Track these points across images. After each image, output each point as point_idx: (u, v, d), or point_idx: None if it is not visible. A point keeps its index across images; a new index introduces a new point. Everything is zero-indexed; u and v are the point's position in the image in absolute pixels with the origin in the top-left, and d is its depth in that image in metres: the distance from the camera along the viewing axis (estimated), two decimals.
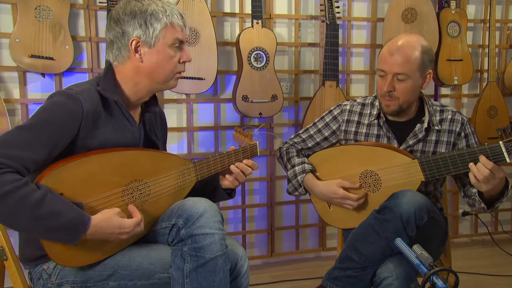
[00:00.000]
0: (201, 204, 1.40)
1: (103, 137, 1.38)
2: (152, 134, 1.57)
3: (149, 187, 1.44)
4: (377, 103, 1.89)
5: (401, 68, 1.71)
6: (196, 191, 1.58)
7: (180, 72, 1.51)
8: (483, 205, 1.70)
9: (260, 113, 2.62)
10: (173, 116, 2.70)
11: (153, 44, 1.42)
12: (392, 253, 1.61)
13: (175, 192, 1.51)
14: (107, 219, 1.29)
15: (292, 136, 2.10)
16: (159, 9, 1.42)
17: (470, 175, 1.60)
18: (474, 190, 1.75)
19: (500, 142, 1.57)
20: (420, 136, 1.82)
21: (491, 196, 1.67)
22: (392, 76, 1.72)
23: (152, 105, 1.57)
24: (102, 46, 2.52)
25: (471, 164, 1.60)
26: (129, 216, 1.36)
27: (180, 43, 1.48)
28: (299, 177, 1.91)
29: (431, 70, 1.78)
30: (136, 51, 1.42)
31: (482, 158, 1.57)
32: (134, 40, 1.41)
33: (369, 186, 1.80)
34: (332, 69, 2.68)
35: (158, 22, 1.42)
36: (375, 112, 1.88)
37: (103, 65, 2.51)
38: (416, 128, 1.83)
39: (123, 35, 1.41)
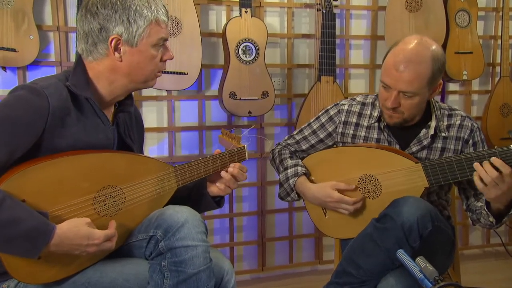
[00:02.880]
0: (182, 213, 1.40)
1: (73, 138, 1.37)
2: (127, 137, 1.57)
3: (123, 194, 1.44)
4: (379, 104, 1.90)
5: (408, 87, 1.69)
6: (178, 199, 1.58)
7: (160, 71, 1.52)
8: (491, 218, 1.70)
9: (250, 112, 2.62)
10: (153, 115, 2.69)
11: (136, 44, 1.43)
12: (393, 266, 1.62)
13: (153, 200, 1.51)
14: (75, 228, 1.29)
15: (286, 137, 2.12)
16: (143, 3, 1.43)
17: (476, 179, 1.60)
18: (480, 204, 1.76)
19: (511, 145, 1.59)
20: (425, 142, 1.83)
21: (498, 209, 1.68)
22: (397, 92, 1.71)
23: (127, 105, 1.57)
24: (73, 36, 2.51)
25: (476, 164, 1.60)
26: (101, 227, 1.36)
27: (164, 41, 1.49)
28: (291, 181, 1.92)
29: (441, 81, 1.77)
30: (116, 49, 1.42)
31: (492, 158, 1.58)
32: (114, 38, 1.41)
33: (369, 192, 1.82)
34: (328, 63, 2.69)
35: (142, 19, 1.42)
36: (375, 113, 1.89)
37: (73, 58, 2.50)
38: (421, 134, 1.84)
39: (101, 30, 1.41)
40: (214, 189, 1.67)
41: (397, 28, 2.79)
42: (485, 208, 1.71)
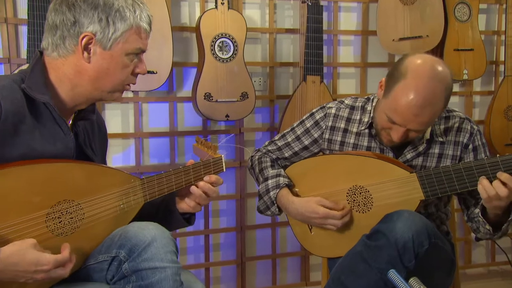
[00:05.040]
0: (148, 230, 1.39)
1: (27, 146, 1.36)
2: (87, 148, 1.57)
3: (82, 209, 1.43)
4: (369, 108, 1.91)
5: (422, 127, 1.72)
6: (144, 216, 1.57)
7: (129, 84, 1.52)
8: (488, 226, 1.73)
9: (227, 116, 2.63)
10: (117, 119, 2.68)
11: (109, 47, 1.43)
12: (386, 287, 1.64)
13: (116, 216, 1.50)
14: (20, 251, 1.26)
15: (266, 143, 2.12)
16: (128, 6, 1.43)
17: (480, 189, 1.63)
18: (477, 210, 1.78)
19: None
20: (421, 149, 1.85)
21: (495, 215, 1.71)
22: (406, 129, 1.73)
23: (88, 112, 1.57)
24: (23, 30, 2.49)
25: (483, 180, 1.62)
26: (55, 249, 1.33)
27: (141, 52, 1.50)
28: (271, 193, 1.92)
29: None
30: (85, 48, 1.42)
31: (503, 175, 1.60)
32: (86, 35, 1.41)
33: (358, 205, 1.83)
34: (315, 61, 2.71)
35: (122, 22, 1.43)
36: (366, 119, 1.91)
37: (24, 54, 2.48)
38: (416, 139, 1.85)
39: (74, 24, 1.41)
40: (184, 205, 1.67)
41: (390, 22, 2.82)
42: (481, 215, 1.74)
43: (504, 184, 1.60)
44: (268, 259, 2.99)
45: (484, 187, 1.63)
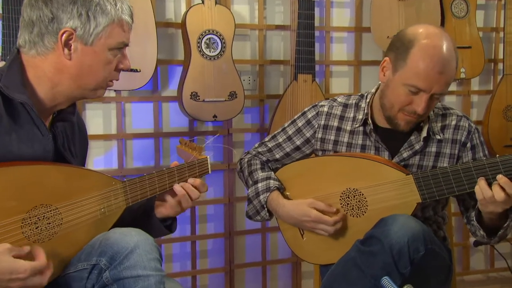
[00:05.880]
0: (131, 236, 1.39)
1: (3, 148, 1.35)
2: (66, 150, 1.55)
3: (60, 214, 1.42)
4: (363, 105, 1.92)
5: (444, 88, 1.75)
6: (126, 222, 1.56)
7: (112, 80, 1.53)
8: (482, 232, 1.74)
9: (215, 116, 2.62)
10: (99, 120, 2.67)
11: (91, 42, 1.43)
12: None
13: (96, 221, 1.49)
14: None
15: (256, 145, 2.12)
16: None
17: (477, 190, 1.63)
18: (473, 213, 1.79)
19: None
20: (417, 147, 1.86)
21: (490, 219, 1.71)
22: (429, 95, 1.74)
23: (67, 112, 1.56)
24: None
25: (481, 181, 1.63)
26: (30, 258, 1.31)
27: (124, 46, 1.50)
28: (261, 197, 1.92)
29: None
30: (66, 45, 1.42)
31: (502, 179, 1.60)
32: (66, 31, 1.40)
33: (352, 208, 1.83)
34: (306, 58, 2.71)
35: (103, 17, 1.42)
36: (360, 116, 1.91)
37: None
38: (412, 137, 1.86)
39: (53, 20, 1.40)
40: (163, 209, 1.66)
41: (385, 18, 2.83)
42: (475, 219, 1.75)
43: (502, 188, 1.60)
44: (258, 266, 2.99)
45: (481, 188, 1.63)
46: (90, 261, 1.39)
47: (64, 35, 1.41)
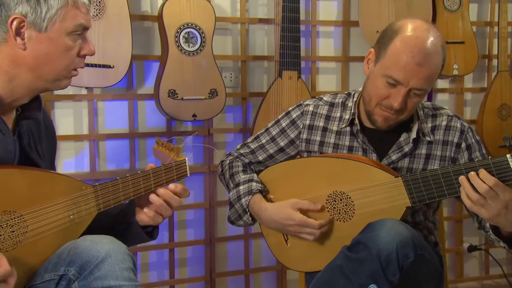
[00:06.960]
0: (102, 245, 1.38)
1: None
2: (32, 151, 1.54)
3: (25, 222, 1.40)
4: (350, 104, 1.92)
5: (424, 83, 1.74)
6: (99, 229, 1.55)
7: (76, 69, 1.51)
8: (502, 244, 1.73)
9: (194, 115, 2.62)
10: (69, 119, 2.65)
11: (45, 28, 1.41)
12: None
13: (65, 229, 1.48)
14: None
15: (238, 146, 2.12)
16: None
17: (462, 194, 1.62)
18: (488, 225, 1.77)
19: (508, 155, 1.62)
20: (407, 149, 1.86)
21: (508, 232, 1.68)
22: (407, 90, 1.74)
23: (32, 109, 1.54)
24: None
25: (461, 178, 1.62)
26: None
27: (84, 30, 1.47)
28: (243, 200, 1.92)
29: None
30: (17, 33, 1.40)
31: (482, 172, 1.61)
32: (16, 18, 1.38)
33: (339, 213, 1.82)
34: (291, 54, 2.71)
35: None
36: (347, 116, 1.91)
37: None
38: (402, 139, 1.87)
39: (0, 8, 1.38)
40: (144, 217, 1.65)
41: (374, 12, 2.84)
42: (491, 231, 1.73)
43: (482, 181, 1.59)
44: (241, 275, 2.99)
45: (465, 189, 1.61)
46: (57, 271, 1.38)
47: (14, 22, 1.38)
